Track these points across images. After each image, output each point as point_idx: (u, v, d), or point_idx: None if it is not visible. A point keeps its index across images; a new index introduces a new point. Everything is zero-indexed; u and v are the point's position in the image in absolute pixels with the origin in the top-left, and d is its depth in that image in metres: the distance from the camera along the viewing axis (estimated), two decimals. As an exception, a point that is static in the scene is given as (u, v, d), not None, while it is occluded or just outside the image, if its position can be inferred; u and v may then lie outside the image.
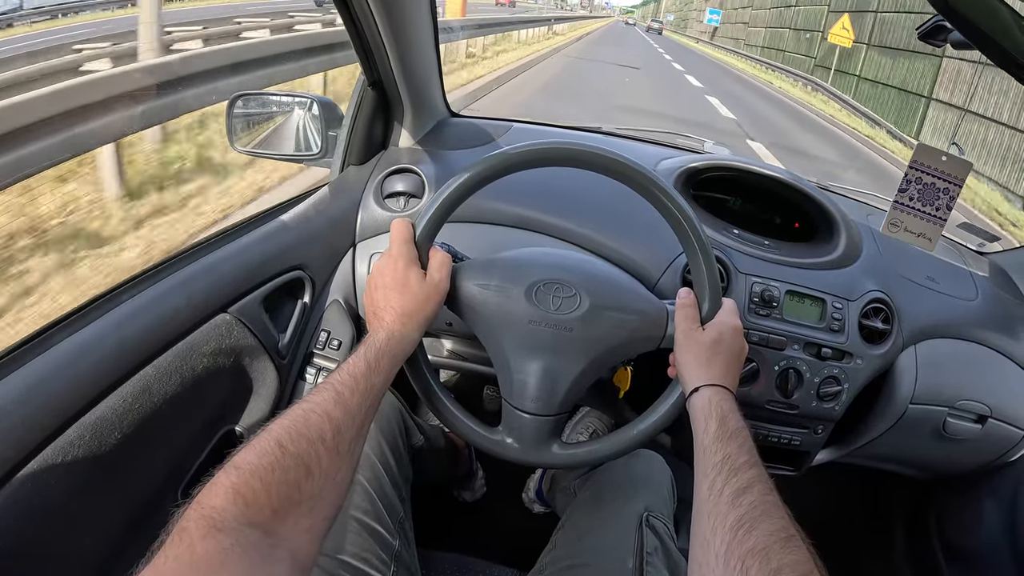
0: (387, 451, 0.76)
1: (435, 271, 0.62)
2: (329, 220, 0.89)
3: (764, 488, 0.49)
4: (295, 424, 0.46)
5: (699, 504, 0.51)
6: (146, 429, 0.61)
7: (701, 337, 0.63)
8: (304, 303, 0.85)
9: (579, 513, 0.76)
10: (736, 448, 0.53)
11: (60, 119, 2.28)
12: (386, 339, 0.56)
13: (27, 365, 0.54)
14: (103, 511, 0.59)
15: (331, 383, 0.51)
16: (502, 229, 0.91)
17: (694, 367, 0.62)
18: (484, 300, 0.64)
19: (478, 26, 10.20)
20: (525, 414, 0.65)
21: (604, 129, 1.19)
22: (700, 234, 0.64)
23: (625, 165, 0.63)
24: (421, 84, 0.96)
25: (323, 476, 0.45)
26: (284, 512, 0.41)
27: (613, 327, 0.65)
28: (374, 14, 0.79)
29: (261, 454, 0.43)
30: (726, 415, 0.57)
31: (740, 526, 0.46)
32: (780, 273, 0.89)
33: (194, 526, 0.38)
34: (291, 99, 0.97)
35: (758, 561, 0.43)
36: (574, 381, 0.65)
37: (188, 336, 0.68)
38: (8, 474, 0.48)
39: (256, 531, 0.39)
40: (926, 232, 0.77)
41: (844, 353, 0.87)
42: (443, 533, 0.83)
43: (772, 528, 0.45)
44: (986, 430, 0.93)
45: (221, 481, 0.41)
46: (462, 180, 0.64)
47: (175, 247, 2.64)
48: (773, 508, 0.47)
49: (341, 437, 0.47)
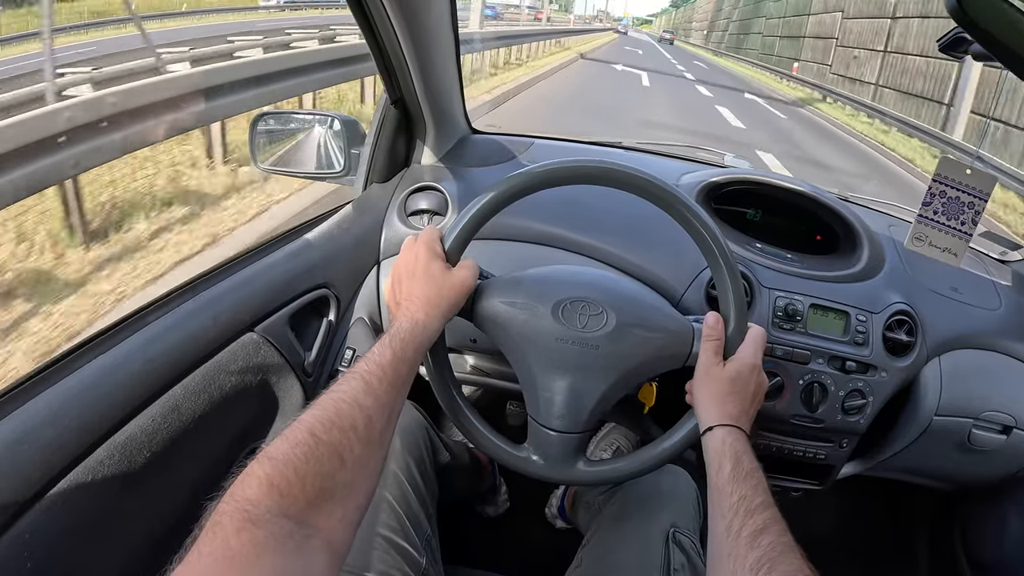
0: (414, 468, 0.76)
1: (461, 267, 0.62)
2: (354, 238, 0.90)
3: (780, 529, 0.50)
4: (327, 414, 0.45)
5: (717, 544, 0.52)
6: (174, 449, 0.61)
7: (720, 374, 0.63)
8: (329, 321, 0.86)
9: (605, 529, 0.76)
10: (751, 489, 0.54)
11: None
12: (410, 327, 0.56)
13: (56, 385, 0.54)
14: (130, 531, 0.59)
15: (358, 372, 0.50)
16: (525, 246, 0.91)
17: (710, 405, 0.62)
18: (511, 317, 0.65)
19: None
20: (551, 431, 0.66)
21: (625, 144, 1.19)
22: (727, 253, 0.65)
23: (653, 184, 0.64)
24: (443, 101, 0.97)
25: (356, 465, 0.44)
26: (318, 503, 0.41)
27: (639, 344, 0.65)
28: (396, 32, 0.80)
29: (294, 444, 0.42)
30: (740, 456, 0.57)
31: (760, 567, 0.46)
32: (803, 287, 0.89)
33: (228, 519, 0.37)
34: (313, 117, 0.98)
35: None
36: (600, 399, 0.65)
37: (216, 355, 0.68)
38: (37, 495, 0.48)
39: (290, 522, 0.39)
40: (951, 247, 0.76)
41: (869, 366, 0.87)
42: (466, 549, 0.83)
43: (790, 569, 0.46)
44: (1011, 440, 0.92)
45: (255, 472, 0.40)
46: (488, 199, 0.64)
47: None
48: (790, 549, 0.48)
49: (372, 426, 0.47)
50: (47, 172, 2.33)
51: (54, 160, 2.34)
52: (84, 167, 2.54)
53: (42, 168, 2.30)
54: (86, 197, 2.90)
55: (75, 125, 2.42)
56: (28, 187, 2.26)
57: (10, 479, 0.47)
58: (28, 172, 2.24)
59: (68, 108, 2.45)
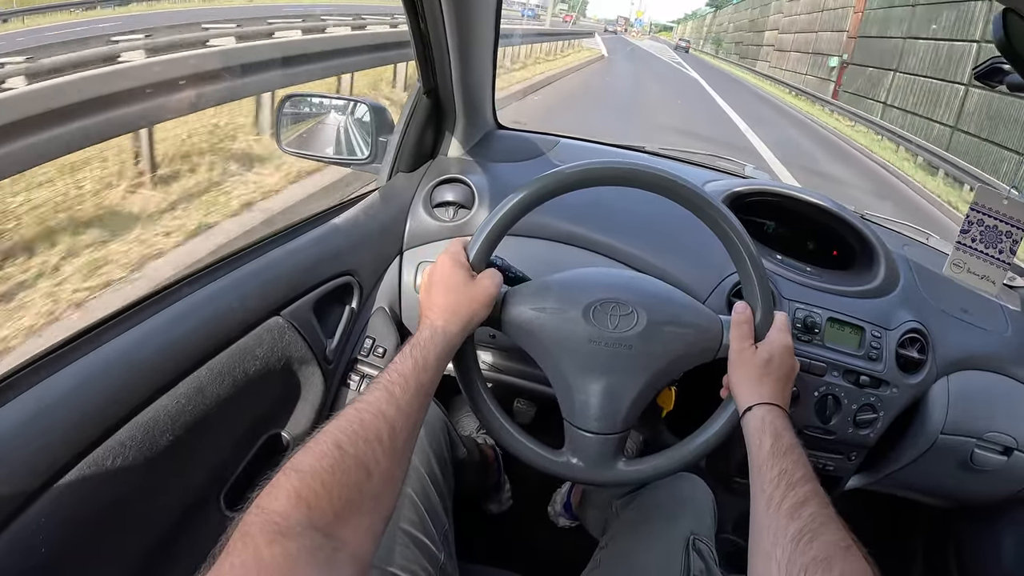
0: (434, 462, 0.75)
1: (485, 276, 0.62)
2: (379, 225, 0.89)
3: (821, 501, 0.50)
4: (351, 425, 0.45)
5: (757, 518, 0.52)
6: (196, 431, 0.60)
7: (753, 357, 0.64)
8: (351, 309, 0.85)
9: (624, 533, 0.76)
10: (791, 463, 0.54)
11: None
12: (430, 335, 0.57)
13: (79, 360, 0.53)
14: (148, 512, 0.58)
15: (381, 383, 0.50)
16: (549, 244, 0.91)
17: (747, 387, 0.63)
18: (541, 324, 0.64)
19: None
20: (589, 434, 0.65)
21: (648, 149, 1.20)
22: (753, 252, 0.65)
23: (684, 187, 0.64)
24: (476, 94, 0.96)
25: (381, 477, 0.45)
26: (346, 515, 0.41)
27: (671, 341, 0.65)
28: (444, 20, 0.79)
29: (320, 456, 0.42)
30: (780, 432, 0.58)
31: (800, 537, 0.46)
32: (822, 300, 0.90)
33: (258, 531, 0.37)
34: (341, 102, 0.97)
35: (820, 570, 0.43)
36: (636, 398, 0.65)
37: (241, 339, 0.67)
38: (57, 475, 0.47)
39: (319, 535, 0.39)
40: (989, 275, 0.77)
41: (881, 381, 0.88)
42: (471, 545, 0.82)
43: (833, 539, 0.46)
44: (1011, 462, 0.94)
45: (282, 484, 0.40)
46: (513, 203, 0.64)
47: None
48: (831, 520, 0.48)
49: (396, 436, 0.47)
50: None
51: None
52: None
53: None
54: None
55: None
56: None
57: (30, 458, 0.46)
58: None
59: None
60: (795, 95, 18.13)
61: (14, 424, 0.47)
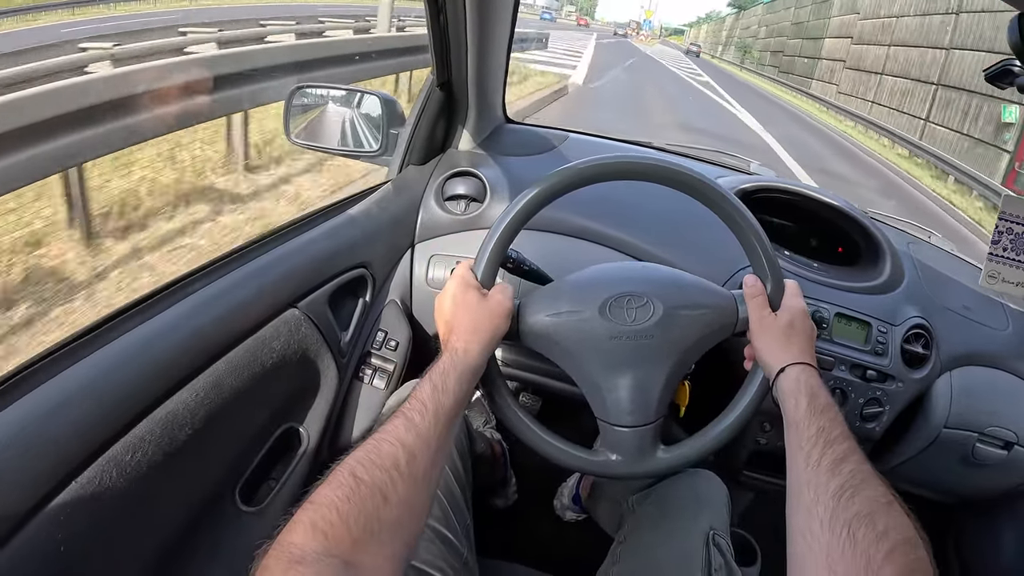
0: (456, 457, 0.75)
1: (496, 291, 0.62)
2: (391, 218, 0.89)
3: (860, 458, 0.50)
4: (368, 454, 0.46)
5: (796, 476, 0.52)
6: (213, 425, 0.59)
7: (775, 323, 0.64)
8: (365, 301, 0.84)
9: (644, 528, 0.76)
10: (829, 421, 0.54)
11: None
12: (449, 358, 0.56)
13: (96, 353, 0.51)
14: (164, 507, 0.57)
15: (402, 411, 0.51)
16: (562, 238, 0.91)
17: (775, 350, 0.63)
18: (559, 328, 0.64)
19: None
20: (624, 428, 0.65)
21: (655, 144, 1.20)
22: (757, 228, 0.66)
23: (696, 179, 0.65)
24: (488, 88, 0.96)
25: (400, 504, 0.44)
26: (364, 542, 0.41)
27: (690, 325, 0.66)
28: (467, 11, 0.79)
29: (336, 486, 0.43)
30: (815, 391, 0.58)
31: (842, 493, 0.46)
32: (829, 295, 0.91)
33: (275, 562, 0.38)
34: (352, 94, 0.96)
35: (864, 525, 0.44)
36: (664, 385, 0.66)
37: (259, 331, 0.66)
38: (74, 472, 0.46)
39: (337, 561, 0.39)
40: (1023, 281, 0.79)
41: (887, 376, 0.90)
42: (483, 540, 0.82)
43: (874, 494, 0.46)
44: (1012, 456, 0.96)
45: (300, 519, 0.41)
46: (521, 206, 0.64)
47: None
48: (871, 476, 0.48)
49: (415, 463, 0.47)
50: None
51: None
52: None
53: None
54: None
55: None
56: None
57: (45, 456, 0.45)
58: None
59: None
60: (911, 157, 9.82)
61: (32, 420, 0.45)
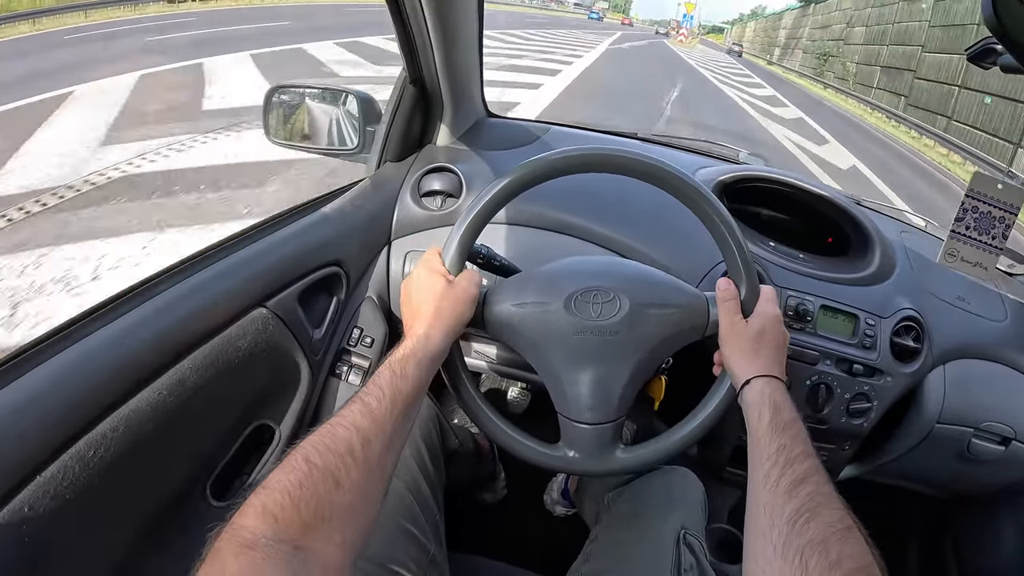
0: (424, 454, 0.75)
1: (462, 279, 0.62)
2: (367, 216, 0.89)
3: (820, 479, 0.49)
4: (322, 439, 0.46)
5: (755, 495, 0.51)
6: (180, 422, 0.60)
7: (745, 330, 0.63)
8: (339, 299, 0.84)
9: (615, 526, 0.76)
10: (790, 439, 0.53)
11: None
12: (411, 344, 0.56)
13: (61, 354, 0.53)
14: (133, 504, 0.58)
15: (359, 396, 0.50)
16: (539, 233, 0.90)
17: (742, 360, 0.62)
18: (524, 319, 0.63)
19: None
20: (583, 425, 0.64)
21: (640, 135, 1.18)
22: (733, 227, 0.65)
23: (668, 172, 0.64)
24: (462, 81, 0.95)
25: (353, 489, 0.44)
26: (315, 527, 0.41)
27: (657, 323, 0.64)
28: (424, 9, 0.78)
29: (289, 471, 0.43)
30: (779, 405, 0.56)
31: (798, 517, 0.45)
32: (815, 287, 0.89)
33: (226, 545, 0.38)
34: (329, 93, 0.96)
35: (816, 553, 0.42)
36: (627, 384, 0.64)
37: (225, 330, 0.67)
38: (39, 467, 0.47)
39: (287, 546, 0.39)
40: (982, 261, 0.76)
41: (875, 370, 0.87)
42: (465, 536, 0.82)
43: (830, 519, 0.45)
44: (1009, 452, 0.92)
45: (252, 502, 0.41)
46: (490, 196, 0.63)
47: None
48: (830, 499, 0.47)
49: (370, 447, 0.47)
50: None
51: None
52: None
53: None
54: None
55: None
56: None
57: (11, 451, 0.46)
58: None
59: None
60: None
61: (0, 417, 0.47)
